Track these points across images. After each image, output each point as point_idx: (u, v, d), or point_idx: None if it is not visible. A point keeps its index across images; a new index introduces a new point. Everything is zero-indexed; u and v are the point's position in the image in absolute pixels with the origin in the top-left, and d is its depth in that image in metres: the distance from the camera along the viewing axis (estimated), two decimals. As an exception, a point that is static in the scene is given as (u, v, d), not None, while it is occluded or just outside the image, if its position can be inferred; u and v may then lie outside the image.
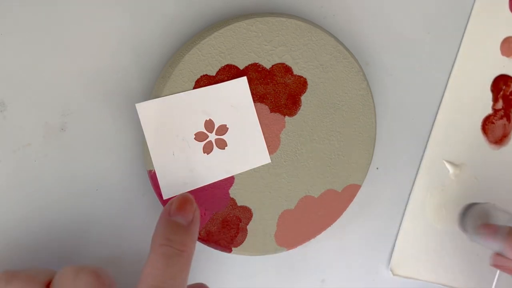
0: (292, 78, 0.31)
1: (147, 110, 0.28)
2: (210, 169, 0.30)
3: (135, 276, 0.30)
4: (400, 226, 0.38)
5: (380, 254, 0.38)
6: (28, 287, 0.24)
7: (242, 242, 0.32)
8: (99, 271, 0.25)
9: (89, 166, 0.30)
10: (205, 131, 0.30)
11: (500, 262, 0.32)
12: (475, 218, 0.37)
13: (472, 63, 0.38)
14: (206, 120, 0.30)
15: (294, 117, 0.32)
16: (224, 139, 0.30)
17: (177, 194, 0.30)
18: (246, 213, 0.32)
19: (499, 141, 0.39)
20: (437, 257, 0.38)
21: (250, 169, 0.31)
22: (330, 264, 0.37)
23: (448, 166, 0.38)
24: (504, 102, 0.39)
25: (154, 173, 0.29)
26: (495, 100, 0.39)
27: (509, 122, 0.39)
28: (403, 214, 0.38)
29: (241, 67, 0.30)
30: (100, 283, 0.24)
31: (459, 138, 0.38)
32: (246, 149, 0.31)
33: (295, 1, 0.32)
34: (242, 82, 0.30)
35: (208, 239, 0.31)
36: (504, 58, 0.39)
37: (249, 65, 0.30)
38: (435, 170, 0.38)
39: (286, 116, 0.32)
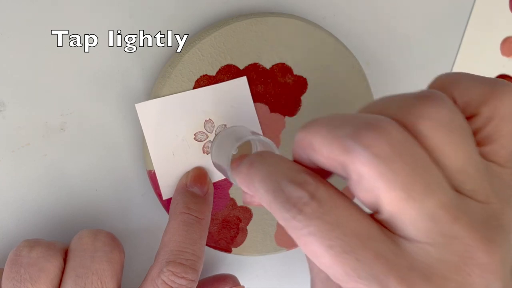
0: (292, 78, 0.31)
1: (147, 110, 0.28)
2: (210, 169, 0.30)
3: (135, 275, 0.30)
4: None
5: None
6: (49, 252, 0.25)
7: (242, 242, 0.32)
8: (113, 235, 0.27)
9: (88, 166, 0.30)
10: (205, 131, 0.30)
11: (246, 198, 0.22)
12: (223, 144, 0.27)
13: (472, 63, 0.38)
14: (206, 120, 0.30)
15: (294, 117, 0.32)
16: (224, 139, 0.30)
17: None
18: (246, 213, 0.32)
19: (499, 141, 0.39)
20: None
21: (250, 169, 0.31)
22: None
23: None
24: (504, 102, 0.39)
25: (154, 173, 0.29)
26: (495, 100, 0.39)
27: (509, 122, 0.39)
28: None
29: (241, 67, 0.30)
30: (116, 244, 0.27)
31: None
32: (246, 149, 0.31)
33: (295, 1, 0.32)
34: (242, 82, 0.30)
35: (208, 239, 0.31)
36: (504, 58, 0.39)
37: (249, 65, 0.30)
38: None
39: (286, 116, 0.32)
